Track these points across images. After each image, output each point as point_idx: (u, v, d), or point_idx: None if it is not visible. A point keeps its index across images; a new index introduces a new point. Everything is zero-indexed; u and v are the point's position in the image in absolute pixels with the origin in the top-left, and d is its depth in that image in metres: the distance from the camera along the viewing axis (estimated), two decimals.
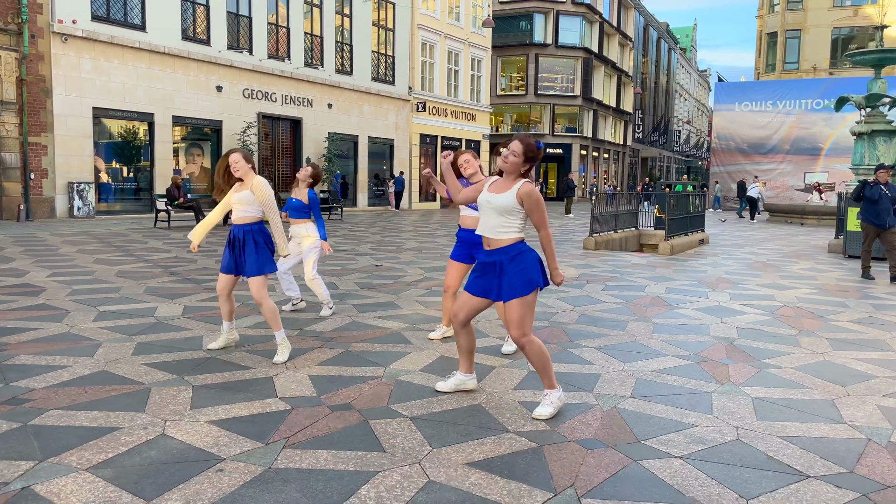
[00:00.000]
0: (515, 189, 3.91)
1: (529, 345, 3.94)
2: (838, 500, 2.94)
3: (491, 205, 3.91)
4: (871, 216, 9.81)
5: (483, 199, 3.98)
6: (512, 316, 3.91)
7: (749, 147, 38.14)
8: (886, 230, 9.67)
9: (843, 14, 39.97)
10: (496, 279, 3.92)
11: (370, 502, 2.85)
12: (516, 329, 3.91)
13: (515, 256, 3.90)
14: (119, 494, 2.88)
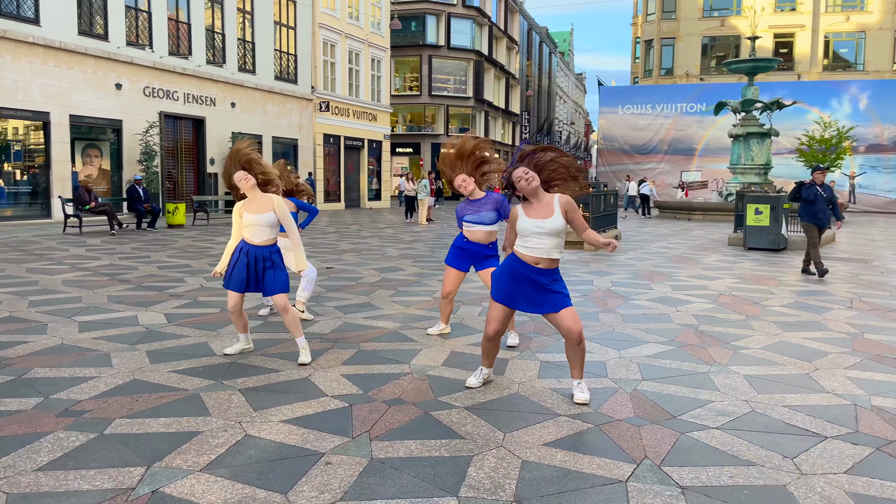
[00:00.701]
0: (557, 205, 4.21)
1: (584, 341, 4.32)
2: (860, 454, 3.54)
3: (545, 230, 4.13)
4: (809, 216, 10.26)
5: (534, 226, 4.16)
6: (572, 316, 4.24)
7: (632, 148, 40.58)
8: (824, 228, 10.23)
9: (711, 24, 43.29)
10: (536, 294, 4.22)
11: (485, 481, 3.16)
12: (579, 323, 4.25)
13: (558, 277, 4.28)
14: (252, 491, 3.03)
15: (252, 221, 4.95)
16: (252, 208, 4.99)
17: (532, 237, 4.20)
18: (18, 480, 3.08)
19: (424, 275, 9.89)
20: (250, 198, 5.03)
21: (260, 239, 4.99)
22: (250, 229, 4.96)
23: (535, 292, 4.24)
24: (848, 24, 41.53)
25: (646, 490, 3.08)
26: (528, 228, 4.20)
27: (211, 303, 7.42)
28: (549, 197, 4.26)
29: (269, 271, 5.02)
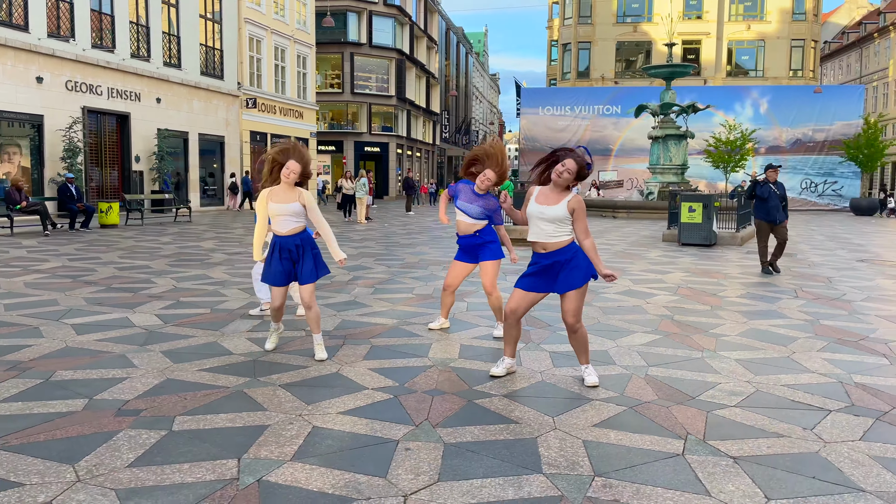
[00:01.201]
0: (566, 201, 4.53)
1: (581, 330, 4.66)
2: (865, 424, 4.04)
3: (544, 216, 4.48)
4: (762, 213, 10.57)
5: (535, 211, 4.51)
6: (571, 306, 4.58)
7: (552, 148, 41.63)
8: (777, 225, 10.53)
9: (625, 30, 45.14)
10: (555, 276, 4.56)
11: (559, 459, 3.44)
12: (573, 317, 4.59)
13: (572, 256, 4.59)
14: (352, 476, 3.20)
15: (278, 211, 5.00)
16: (278, 198, 5.02)
17: (533, 221, 4.54)
18: (118, 477, 3.13)
19: (396, 272, 10.07)
20: (280, 188, 5.06)
21: (286, 228, 5.03)
22: (277, 219, 5.02)
23: (548, 274, 4.56)
24: (749, 33, 44.25)
25: (704, 461, 3.45)
26: (532, 213, 4.53)
27: (196, 303, 7.36)
28: (565, 194, 4.57)
29: (308, 259, 5.09)
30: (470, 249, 5.92)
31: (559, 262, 4.56)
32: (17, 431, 3.65)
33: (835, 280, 10.11)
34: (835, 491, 3.13)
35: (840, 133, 40.04)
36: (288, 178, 5.01)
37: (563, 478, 3.23)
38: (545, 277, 4.58)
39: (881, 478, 3.28)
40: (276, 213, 5.03)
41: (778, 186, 10.58)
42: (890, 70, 52.31)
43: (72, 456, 3.35)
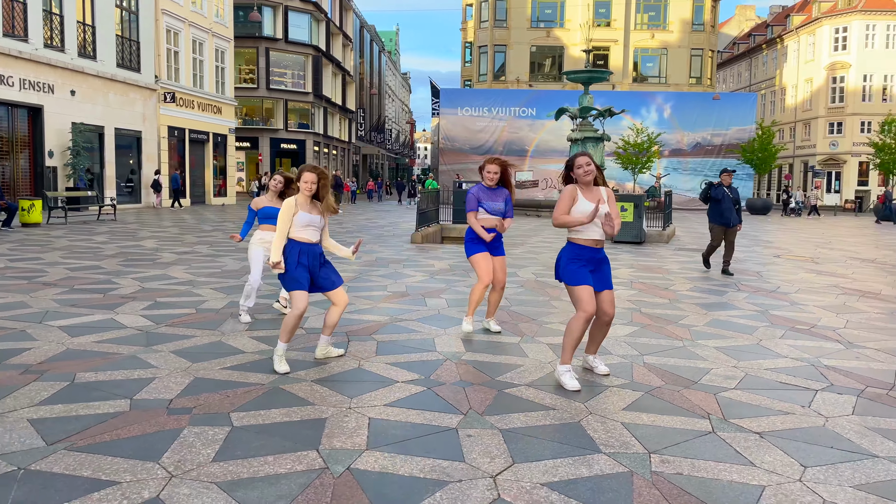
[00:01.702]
0: (604, 195, 4.90)
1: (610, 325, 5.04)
2: (850, 400, 4.58)
3: (602, 213, 4.85)
4: (716, 216, 10.80)
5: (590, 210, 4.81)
6: (613, 297, 4.94)
7: (471, 148, 42.48)
8: (731, 228, 10.80)
9: (538, 34, 46.43)
10: (605, 272, 4.91)
11: (610, 440, 3.77)
12: (613, 310, 4.95)
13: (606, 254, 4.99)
14: (433, 461, 3.40)
15: (308, 221, 5.06)
16: (306, 209, 5.08)
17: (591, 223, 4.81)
18: (209, 471, 3.21)
19: (361, 271, 10.17)
20: (304, 201, 5.11)
21: (310, 237, 5.08)
22: (308, 230, 5.05)
23: (598, 270, 4.88)
24: (653, 42, 46.49)
25: (735, 437, 3.86)
26: (584, 211, 4.79)
27: (176, 303, 7.27)
28: (596, 189, 4.91)
29: (331, 267, 5.18)
30: (485, 243, 6.18)
31: (606, 259, 4.94)
32: (77, 433, 3.63)
33: (764, 274, 11.01)
34: (854, 458, 3.60)
35: (735, 137, 42.73)
36: (311, 189, 5.07)
37: (624, 456, 3.56)
38: (601, 274, 4.89)
39: (886, 445, 3.79)
40: (306, 224, 5.07)
41: (732, 190, 10.86)
42: (776, 79, 56.22)
43: (150, 454, 3.39)
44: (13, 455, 3.34)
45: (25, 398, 4.16)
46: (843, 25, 47.79)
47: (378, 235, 16.68)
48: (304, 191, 5.07)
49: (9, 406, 4.02)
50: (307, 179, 5.07)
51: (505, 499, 3.03)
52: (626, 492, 3.14)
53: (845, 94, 47.91)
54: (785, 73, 54.66)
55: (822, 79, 48.95)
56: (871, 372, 5.31)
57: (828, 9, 49.21)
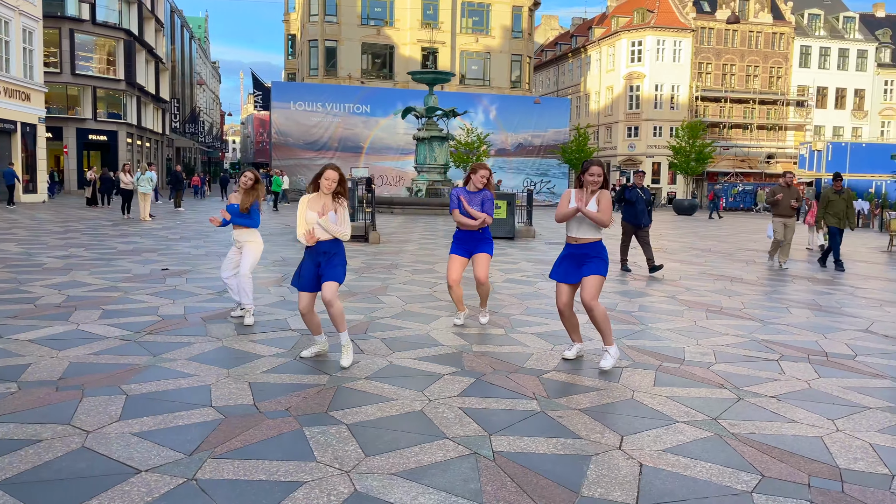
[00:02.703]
0: (596, 198, 5.52)
1: (598, 308, 5.64)
2: (814, 369, 5.62)
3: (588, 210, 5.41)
4: (629, 216, 11.03)
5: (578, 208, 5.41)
6: (591, 287, 5.52)
7: (305, 144, 41.89)
8: (641, 228, 11.01)
9: (369, 31, 46.77)
10: (583, 265, 5.45)
11: (454, 429, 4.41)
12: (591, 296, 5.53)
13: (601, 251, 5.56)
14: (287, 464, 3.81)
15: (314, 219, 5.13)
16: (314, 206, 5.15)
17: (577, 222, 5.38)
18: (377, 465, 3.37)
19: (282, 275, 10.04)
20: (317, 198, 5.19)
21: (325, 236, 5.15)
22: (317, 228, 5.11)
23: (582, 264, 5.41)
24: (477, 45, 48.75)
25: (560, 414, 4.64)
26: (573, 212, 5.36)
27: (128, 311, 6.88)
28: (596, 194, 5.49)
29: (334, 264, 5.20)
30: (468, 243, 6.53)
31: (587, 255, 5.46)
32: (214, 442, 3.57)
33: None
34: (660, 425, 4.55)
35: (553, 139, 46.23)
36: (329, 188, 5.16)
37: (468, 439, 4.20)
38: (574, 267, 5.42)
39: (681, 409, 4.80)
40: (312, 221, 5.15)
41: (644, 192, 11.20)
42: (581, 86, 61.35)
43: (304, 454, 3.46)
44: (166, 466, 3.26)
45: (104, 415, 3.94)
46: (639, 39, 53.31)
47: (272, 235, 16.21)
48: (324, 188, 5.14)
49: (95, 423, 3.80)
50: (329, 177, 5.16)
51: (360, 491, 3.14)
52: (474, 473, 3.37)
53: (641, 102, 53.53)
54: (589, 80, 59.81)
55: (621, 87, 54.28)
56: (666, 349, 6.02)
57: (625, 23, 54.59)
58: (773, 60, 55.52)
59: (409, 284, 9.23)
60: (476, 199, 6.57)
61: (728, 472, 3.45)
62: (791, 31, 55.62)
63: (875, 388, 5.04)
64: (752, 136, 55.03)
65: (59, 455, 3.38)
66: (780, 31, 55.42)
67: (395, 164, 42.94)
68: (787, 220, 11.83)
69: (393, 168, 43.15)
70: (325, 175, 5.18)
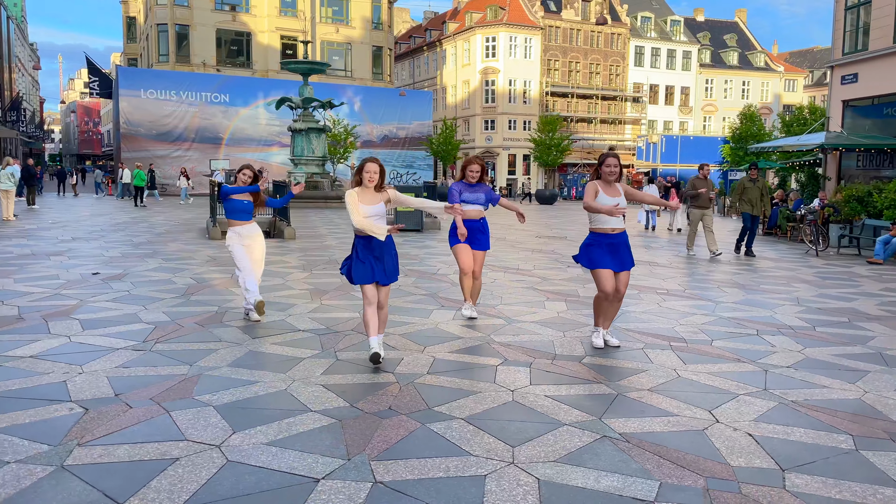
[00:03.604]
0: (621, 189, 5.93)
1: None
2: (679, 354, 6.41)
3: (622, 206, 5.84)
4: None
5: (612, 203, 5.79)
6: (628, 279, 5.95)
7: (158, 134, 39.34)
8: None
9: (223, 17, 44.64)
10: (622, 254, 5.90)
11: (317, 403, 4.92)
12: (626, 287, 5.96)
13: (628, 239, 5.98)
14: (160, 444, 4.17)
15: (367, 212, 5.13)
16: (365, 200, 5.16)
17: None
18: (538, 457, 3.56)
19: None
20: (363, 191, 5.18)
21: (377, 229, 5.10)
22: (366, 221, 5.09)
23: (618, 253, 5.84)
24: (338, 36, 48.14)
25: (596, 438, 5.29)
26: (612, 204, 5.76)
27: (110, 320, 6.41)
28: (615, 185, 5.89)
29: (393, 260, 5.28)
30: (471, 234, 6.70)
31: (626, 243, 5.86)
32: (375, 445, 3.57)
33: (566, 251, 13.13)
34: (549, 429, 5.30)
35: (417, 131, 46.82)
36: (375, 179, 5.20)
37: (331, 410, 4.72)
38: (620, 255, 5.82)
39: (739, 385, 5.59)
40: (365, 215, 5.12)
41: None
42: (438, 79, 62.44)
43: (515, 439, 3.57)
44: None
45: (207, 432, 3.79)
46: (493, 35, 55.11)
47: (167, 234, 15.23)
48: (366, 181, 5.16)
49: (221, 439, 3.65)
50: (370, 170, 5.17)
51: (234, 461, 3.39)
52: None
53: (496, 96, 55.43)
54: (445, 74, 60.98)
55: (477, 81, 55.90)
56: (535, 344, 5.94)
57: (479, 19, 56.18)
58: (612, 59, 59.56)
59: None
60: (477, 191, 6.77)
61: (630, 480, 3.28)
62: (627, 32, 59.95)
63: (739, 374, 5.14)
64: (595, 130, 58.75)
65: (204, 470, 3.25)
66: (617, 32, 59.53)
67: (259, 156, 41.43)
68: (706, 211, 12.76)
69: (256, 160, 41.61)
70: (365, 168, 5.19)
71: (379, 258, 5.20)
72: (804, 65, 74.98)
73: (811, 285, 9.74)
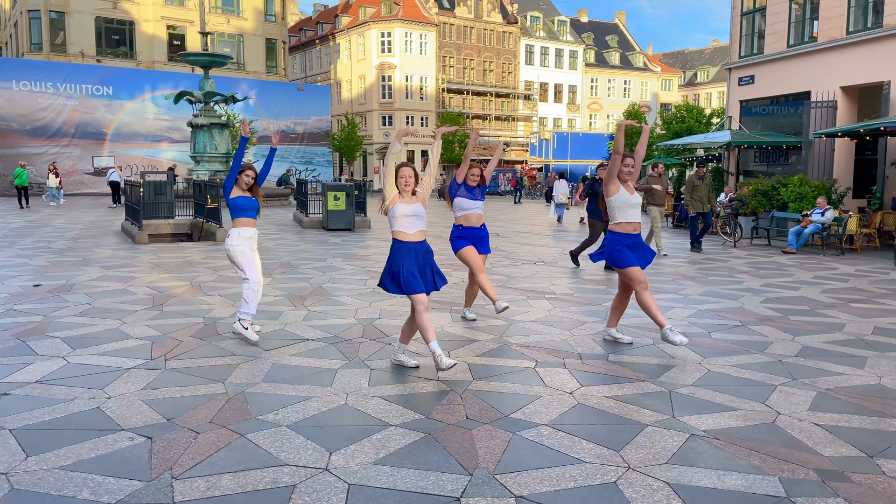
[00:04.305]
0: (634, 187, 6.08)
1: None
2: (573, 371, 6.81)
3: (639, 203, 5.96)
4: (600, 213, 10.12)
5: (633, 201, 5.90)
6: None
7: (32, 129, 36.31)
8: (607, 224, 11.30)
9: (103, 4, 41.73)
10: (644, 252, 6.02)
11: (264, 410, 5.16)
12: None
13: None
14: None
15: (406, 211, 4.97)
16: (405, 200, 5.03)
17: (629, 209, 5.93)
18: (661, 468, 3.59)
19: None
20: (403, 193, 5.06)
21: (414, 229, 5.02)
22: (405, 220, 4.97)
23: (639, 250, 5.98)
24: (229, 27, 46.28)
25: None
26: (630, 201, 5.90)
27: (94, 337, 5.88)
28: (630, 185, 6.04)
29: (434, 264, 5.13)
30: (476, 240, 6.64)
31: (643, 241, 6.02)
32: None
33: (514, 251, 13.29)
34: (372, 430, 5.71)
35: (315, 126, 45.87)
36: (407, 185, 5.05)
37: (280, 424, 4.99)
38: (642, 252, 5.95)
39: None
40: (404, 214, 4.98)
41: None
42: (332, 73, 61.40)
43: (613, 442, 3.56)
44: None
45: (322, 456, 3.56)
46: (388, 31, 54.85)
47: (88, 238, 14.05)
48: (402, 186, 5.03)
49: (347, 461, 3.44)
50: (404, 174, 5.04)
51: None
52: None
53: (393, 92, 55.24)
54: (340, 68, 60.05)
55: (374, 76, 55.45)
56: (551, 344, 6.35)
57: (373, 14, 55.74)
58: (504, 57, 60.83)
59: (352, 281, 8.97)
60: (477, 196, 6.74)
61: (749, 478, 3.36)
62: (518, 31, 61.40)
63: (760, 365, 5.83)
64: (490, 127, 59.83)
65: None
66: (508, 31, 60.85)
67: (147, 153, 39.27)
68: (661, 209, 12.95)
69: (144, 157, 39.35)
70: (400, 174, 5.04)
71: (427, 263, 5.07)
72: (676, 65, 79.68)
73: (752, 276, 10.38)
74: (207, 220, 14.12)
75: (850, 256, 13.19)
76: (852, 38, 17.13)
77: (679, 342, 5.60)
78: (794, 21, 19.18)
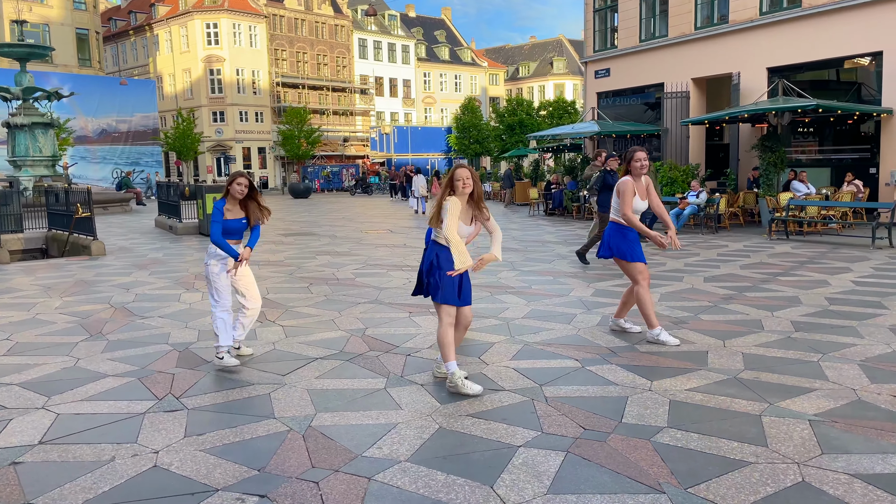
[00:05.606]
0: (644, 183, 6.00)
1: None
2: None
3: (645, 206, 5.89)
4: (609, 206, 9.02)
5: (643, 206, 5.81)
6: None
7: None
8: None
9: None
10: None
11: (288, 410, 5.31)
12: None
13: None
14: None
15: (463, 233, 4.56)
16: (462, 218, 4.57)
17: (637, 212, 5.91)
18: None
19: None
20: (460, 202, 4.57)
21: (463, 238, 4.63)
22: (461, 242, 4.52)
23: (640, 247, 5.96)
24: (31, 15, 41.29)
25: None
26: (638, 209, 5.87)
27: (136, 340, 4.85)
28: (640, 179, 5.95)
29: (466, 277, 4.74)
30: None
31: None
32: None
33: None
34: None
35: (141, 124, 42.38)
36: (466, 186, 4.59)
37: (292, 420, 5.18)
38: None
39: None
40: (462, 234, 4.58)
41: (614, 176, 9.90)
42: (151, 67, 56.93)
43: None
44: None
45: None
46: (214, 22, 51.79)
47: None
48: (460, 188, 4.55)
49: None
50: (461, 176, 4.60)
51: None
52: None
53: (224, 86, 52.31)
54: (160, 61, 55.81)
55: (201, 70, 52.15)
56: (570, 340, 7.92)
57: (196, 3, 52.34)
58: (338, 51, 59.81)
59: (295, 291, 8.18)
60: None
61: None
62: (350, 24, 60.60)
63: (783, 342, 6.55)
64: (328, 122, 58.60)
65: None
66: (340, 24, 59.88)
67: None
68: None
69: None
70: (456, 176, 4.54)
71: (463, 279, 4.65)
72: (499, 60, 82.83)
73: (670, 258, 10.87)
74: (75, 233, 12.38)
75: (724, 234, 14.30)
76: (700, 33, 18.63)
77: (672, 344, 5.61)
78: (645, 17, 20.51)
